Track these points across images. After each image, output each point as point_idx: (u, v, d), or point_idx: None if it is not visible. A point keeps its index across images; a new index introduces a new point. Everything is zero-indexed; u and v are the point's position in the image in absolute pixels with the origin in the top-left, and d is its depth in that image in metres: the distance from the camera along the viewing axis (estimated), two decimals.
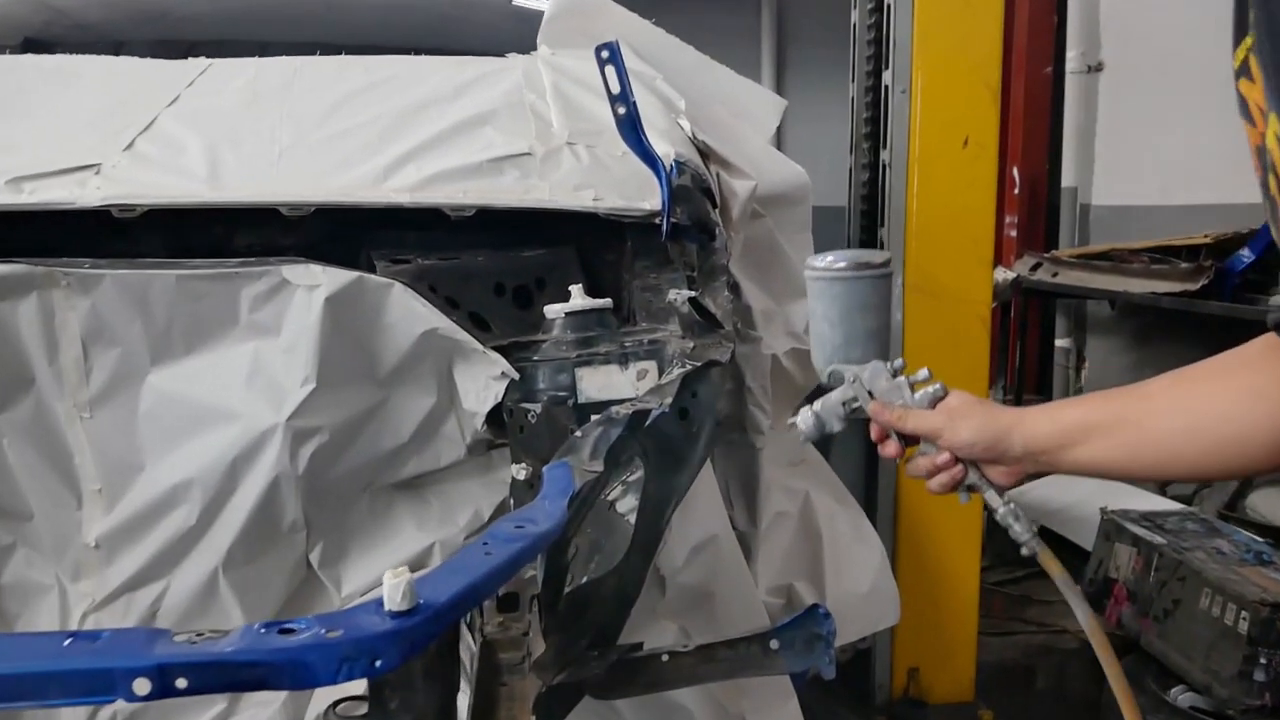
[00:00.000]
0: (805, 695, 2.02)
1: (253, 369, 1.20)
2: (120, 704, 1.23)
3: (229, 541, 1.22)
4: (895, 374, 1.10)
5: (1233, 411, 0.93)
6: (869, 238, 2.46)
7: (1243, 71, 0.76)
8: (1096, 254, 4.28)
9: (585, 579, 1.02)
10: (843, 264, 1.09)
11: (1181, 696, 2.31)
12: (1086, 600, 1.04)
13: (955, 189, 2.29)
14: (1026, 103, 4.73)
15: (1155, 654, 2.43)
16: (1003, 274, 4.16)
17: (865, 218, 2.47)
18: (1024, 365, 4.89)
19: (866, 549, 1.90)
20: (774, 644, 1.02)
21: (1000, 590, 3.72)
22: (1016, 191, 4.85)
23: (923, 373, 1.11)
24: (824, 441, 2.46)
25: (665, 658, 1.01)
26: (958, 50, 2.25)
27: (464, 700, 1.00)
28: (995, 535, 3.81)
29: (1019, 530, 1.06)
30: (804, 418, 1.14)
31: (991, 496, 1.07)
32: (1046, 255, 4.53)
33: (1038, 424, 1.04)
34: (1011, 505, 1.07)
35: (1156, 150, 4.47)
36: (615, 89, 1.31)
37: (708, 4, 7.22)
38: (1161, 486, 3.81)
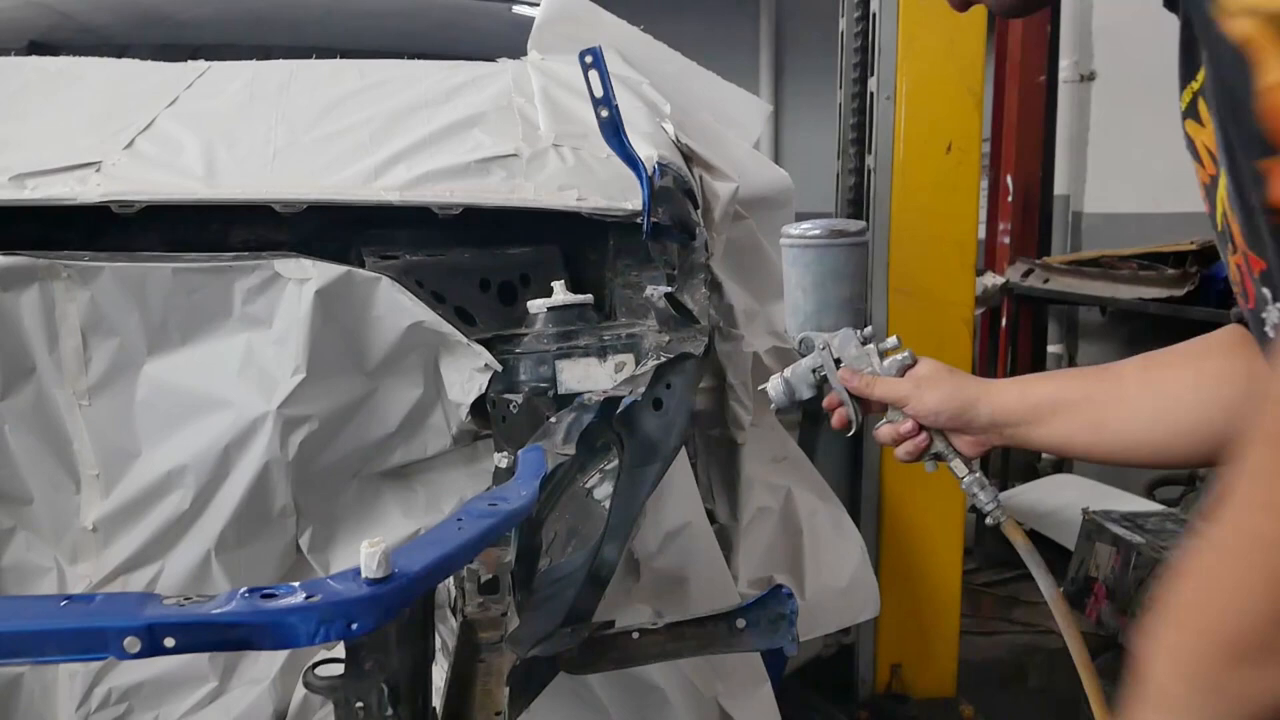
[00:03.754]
0: (789, 689, 2.07)
1: (245, 359, 1.25)
2: (114, 681, 1.29)
3: (221, 526, 1.27)
4: (865, 341, 1.11)
5: (1198, 398, 0.93)
6: None
7: (1190, 113, 0.74)
8: (1086, 260, 4.33)
9: (560, 560, 1.07)
10: (817, 231, 1.12)
11: None
12: (1050, 571, 1.07)
13: (939, 194, 2.34)
14: (1020, 111, 4.78)
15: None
16: (992, 279, 4.21)
17: None
18: (1015, 371, 4.93)
19: (846, 544, 1.94)
20: (740, 622, 1.06)
21: (988, 591, 3.77)
22: (1009, 199, 4.89)
23: (892, 340, 1.13)
24: (809, 440, 2.51)
25: (636, 634, 1.06)
26: (942, 57, 2.30)
27: (441, 673, 1.05)
28: (984, 537, 3.87)
29: (984, 500, 1.08)
30: (774, 384, 1.16)
31: (957, 465, 1.08)
32: (1038, 261, 4.57)
33: (1006, 396, 1.04)
34: (978, 474, 1.08)
35: (1148, 158, 4.52)
36: (598, 93, 1.36)
37: (707, 13, 7.29)
38: (1149, 489, 3.86)
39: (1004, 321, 4.84)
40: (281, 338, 1.24)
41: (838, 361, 1.11)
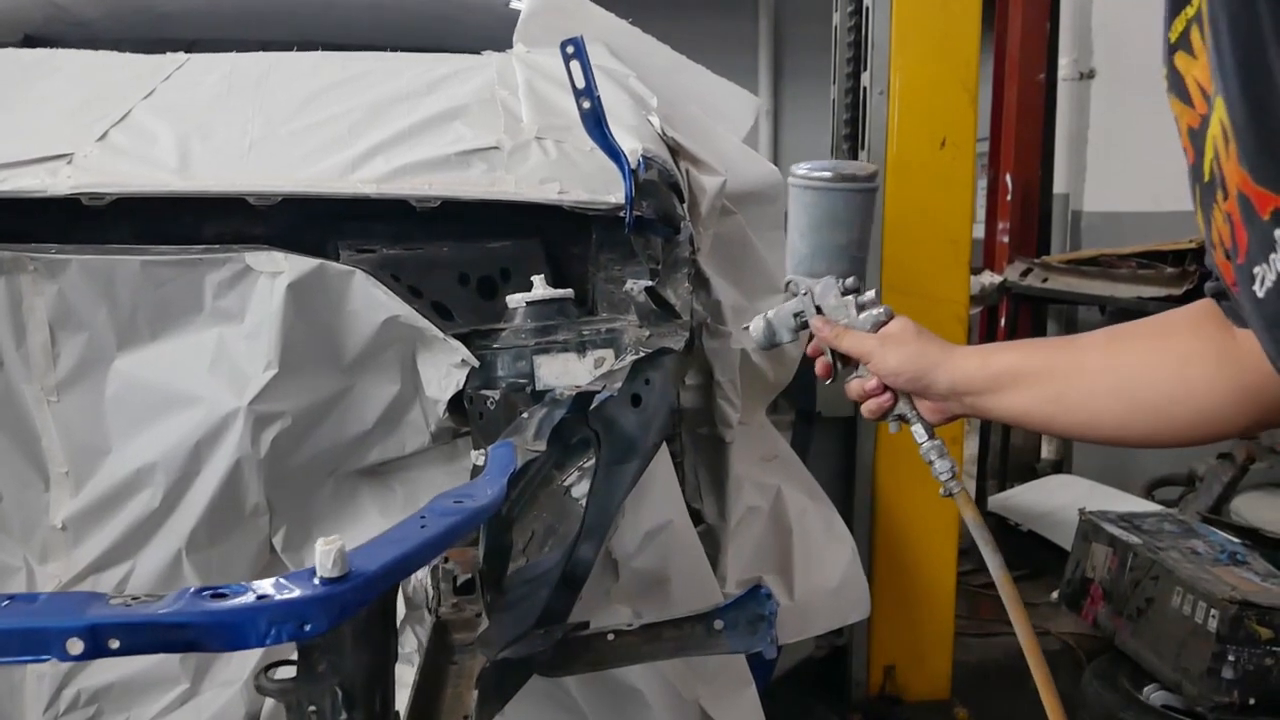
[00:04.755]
0: (781, 690, 2.04)
1: (216, 354, 1.23)
2: (83, 683, 1.27)
3: (192, 524, 1.24)
4: (845, 292, 1.10)
5: (1160, 375, 0.91)
6: None
7: (1181, 44, 0.70)
8: (1085, 259, 4.30)
9: (533, 559, 1.05)
10: (821, 173, 1.12)
11: (1154, 695, 2.32)
12: (999, 550, 1.08)
13: (933, 190, 2.32)
14: (1019, 109, 4.75)
15: (1129, 653, 2.45)
16: (989, 278, 4.19)
17: None
18: None
19: (837, 544, 1.91)
20: (718, 624, 1.04)
21: (985, 593, 3.73)
22: (1009, 197, 4.87)
23: (870, 294, 1.11)
24: (803, 441, 2.48)
25: (611, 636, 1.03)
26: (936, 52, 2.28)
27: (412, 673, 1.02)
28: None
29: (940, 468, 1.07)
30: (756, 324, 1.16)
31: (918, 430, 1.07)
32: (1036, 261, 4.55)
33: (966, 364, 1.03)
34: (937, 441, 1.07)
35: (1148, 157, 4.48)
36: (580, 84, 1.34)
37: (705, 11, 7.26)
38: (1148, 490, 3.83)
39: (1002, 321, 4.81)
40: (253, 332, 1.22)
41: (819, 309, 1.11)
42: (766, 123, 7.63)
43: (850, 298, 1.10)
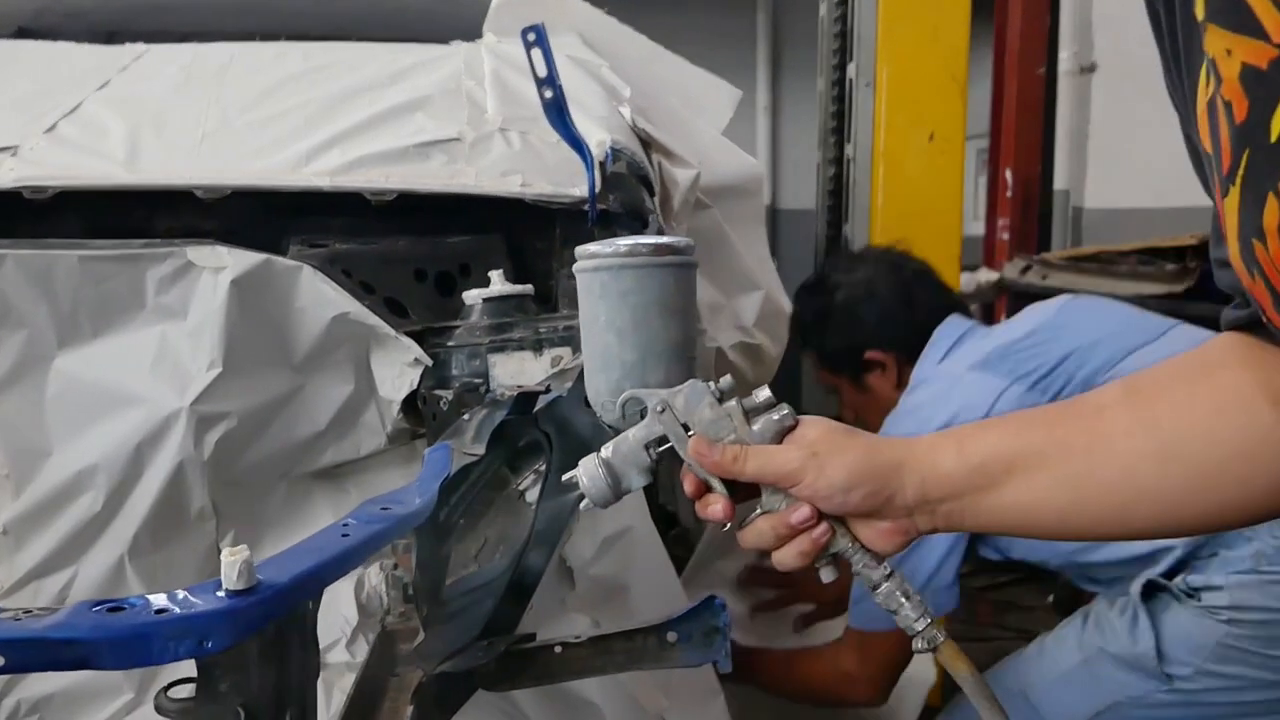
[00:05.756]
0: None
1: (159, 353, 1.18)
2: (23, 692, 1.22)
3: (135, 528, 1.20)
4: (723, 397, 0.81)
5: (1221, 425, 0.69)
6: (835, 233, 2.44)
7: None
8: (1085, 256, 4.24)
9: (474, 567, 1.00)
10: (632, 247, 0.83)
11: None
12: (1001, 710, 0.80)
13: (922, 184, 2.27)
14: (1018, 104, 4.68)
15: None
16: (986, 275, 4.13)
17: (831, 213, 2.45)
18: None
19: None
20: (671, 636, 0.99)
21: (983, 595, 3.69)
22: (1008, 194, 4.80)
23: (762, 394, 0.82)
24: None
25: (558, 649, 0.99)
26: (925, 42, 2.23)
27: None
28: (975, 540, 3.78)
29: (910, 614, 0.79)
30: (588, 470, 0.83)
31: (867, 566, 0.80)
32: (1036, 258, 4.48)
33: (938, 459, 0.77)
34: (898, 579, 0.80)
35: (1150, 152, 4.42)
36: (541, 72, 1.29)
37: (703, 6, 7.21)
38: None
39: (1001, 319, 4.75)
40: (196, 330, 1.17)
41: (685, 429, 0.81)
42: (765, 118, 7.58)
43: (733, 403, 0.81)
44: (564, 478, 0.86)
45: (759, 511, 0.80)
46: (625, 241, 0.83)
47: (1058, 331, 1.71)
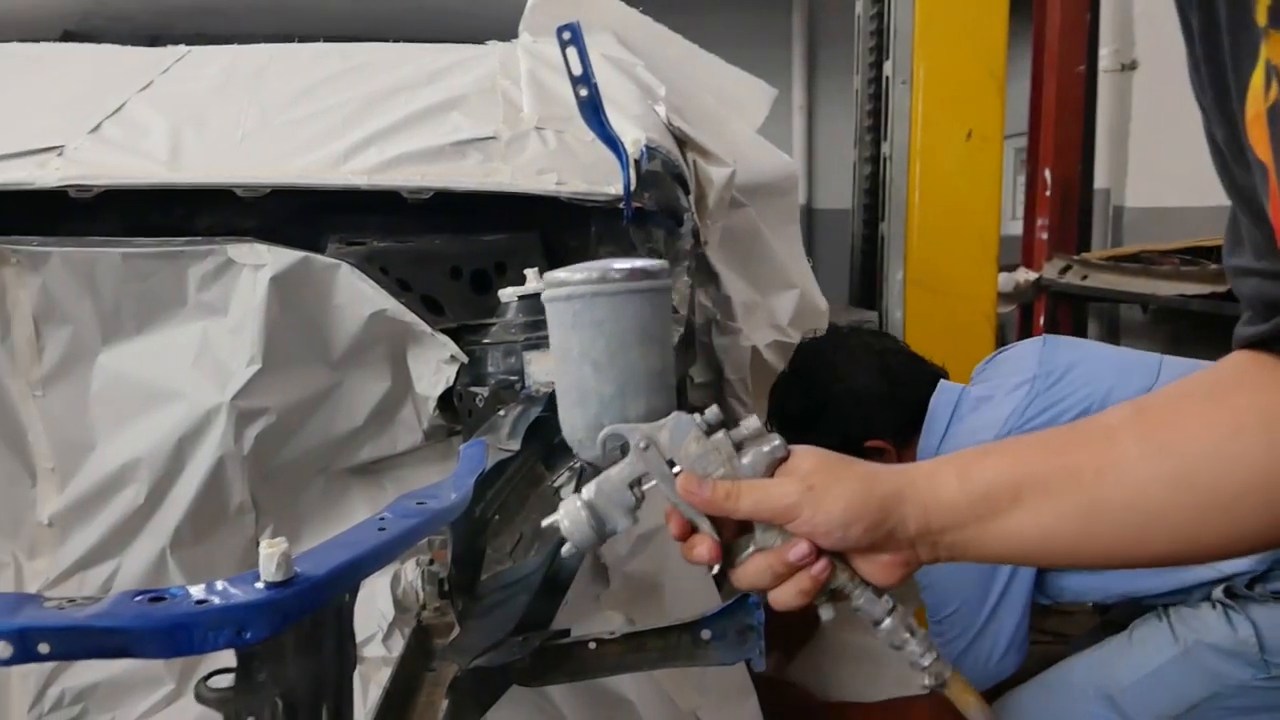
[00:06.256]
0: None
1: (200, 349, 1.20)
2: (67, 682, 1.25)
3: (176, 521, 1.22)
4: (710, 430, 0.76)
5: (1237, 448, 0.66)
6: (871, 232, 2.42)
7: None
8: (1127, 256, 4.19)
9: (510, 563, 1.01)
10: (606, 273, 0.77)
11: None
12: None
13: (959, 182, 2.26)
14: (1058, 102, 4.64)
15: None
16: (1024, 275, 4.09)
17: (867, 212, 2.44)
18: None
19: None
20: (705, 634, 0.99)
21: None
22: (1048, 193, 4.76)
23: (751, 423, 0.78)
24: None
25: (592, 645, 0.99)
26: (962, 39, 2.21)
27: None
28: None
29: (916, 649, 0.77)
30: (570, 514, 0.79)
31: (868, 602, 0.76)
32: (1076, 258, 4.43)
33: (939, 486, 0.73)
34: (900, 613, 0.77)
35: (1192, 150, 4.35)
36: (576, 70, 1.29)
37: (738, 5, 7.20)
38: None
39: (1040, 320, 4.70)
40: (237, 326, 1.19)
41: (671, 465, 0.77)
42: (800, 117, 7.54)
43: (720, 436, 0.76)
44: (544, 523, 0.81)
45: (752, 549, 0.76)
46: (596, 266, 0.78)
47: (1060, 391, 1.66)
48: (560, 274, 0.79)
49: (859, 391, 1.76)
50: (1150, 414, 0.71)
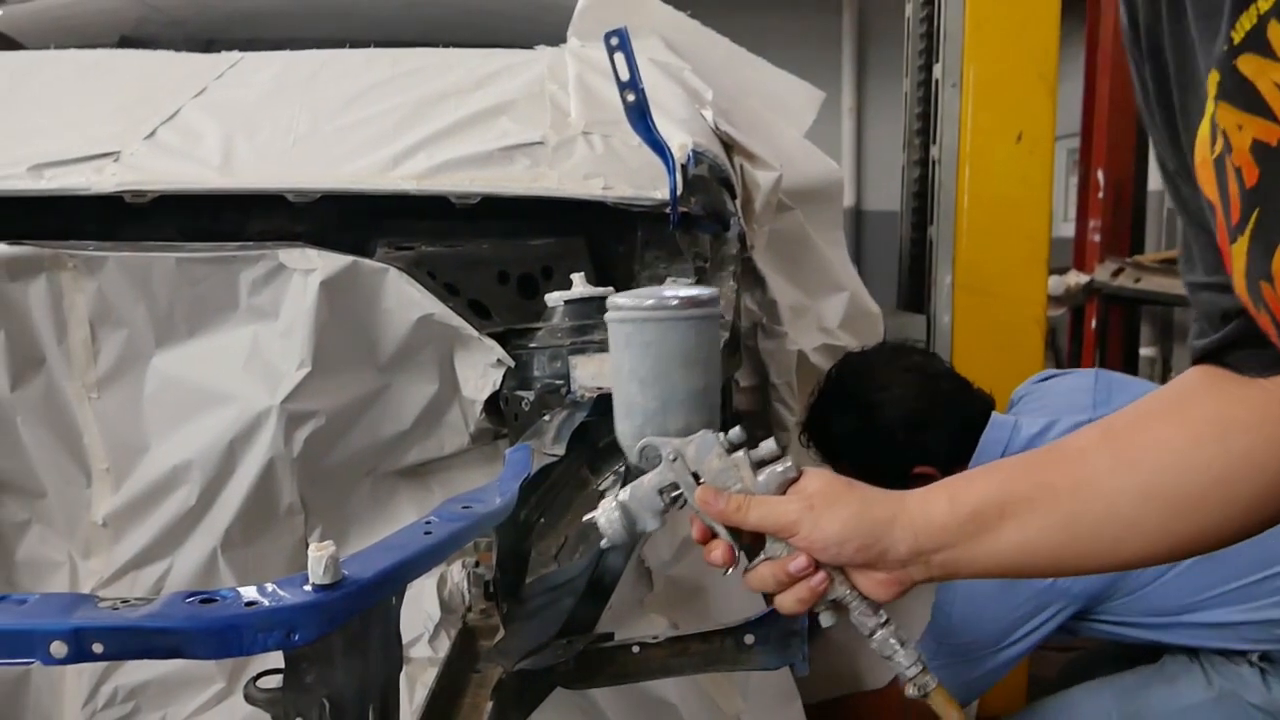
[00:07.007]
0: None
1: (251, 352, 1.22)
2: (120, 679, 1.27)
3: (227, 522, 1.24)
4: (732, 448, 0.85)
5: (1199, 458, 0.73)
6: (920, 235, 2.40)
7: (1250, 44, 0.57)
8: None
9: (554, 566, 1.01)
10: (657, 301, 0.86)
11: None
12: None
13: (1008, 185, 2.23)
14: (1111, 102, 4.57)
15: None
16: (1075, 278, 4.04)
17: (916, 215, 2.42)
18: None
19: None
20: (748, 638, 0.99)
21: None
22: (1100, 195, 4.69)
23: (768, 446, 0.86)
24: None
25: (636, 649, 0.99)
26: (1012, 41, 2.19)
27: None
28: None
29: (905, 661, 0.84)
30: (606, 512, 0.87)
31: (863, 614, 0.83)
32: (1128, 260, 4.37)
33: (931, 510, 0.80)
34: (893, 626, 0.84)
35: None
36: (624, 75, 1.29)
37: (787, 6, 7.17)
38: None
39: (1092, 323, 4.63)
40: (287, 330, 1.20)
41: (696, 478, 0.85)
42: (850, 120, 7.50)
43: (740, 454, 0.85)
44: (584, 519, 0.91)
45: (763, 557, 0.85)
46: (651, 294, 0.87)
47: None
48: (620, 299, 0.88)
49: (913, 419, 1.73)
50: (1118, 432, 0.79)
